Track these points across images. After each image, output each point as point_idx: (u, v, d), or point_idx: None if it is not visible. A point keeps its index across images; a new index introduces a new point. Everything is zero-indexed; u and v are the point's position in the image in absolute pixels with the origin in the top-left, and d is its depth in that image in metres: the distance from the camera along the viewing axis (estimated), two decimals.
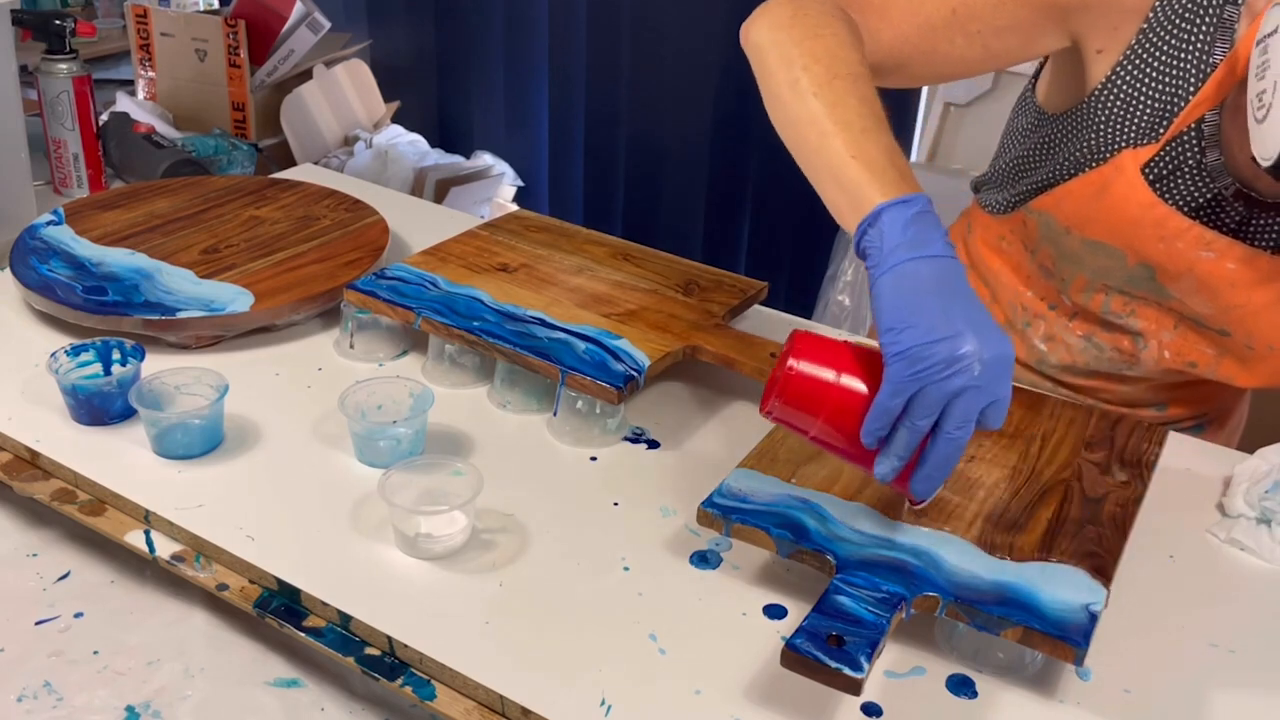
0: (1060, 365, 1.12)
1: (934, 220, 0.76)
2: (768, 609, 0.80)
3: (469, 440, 0.97)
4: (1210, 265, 0.97)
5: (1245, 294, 0.98)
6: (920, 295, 0.72)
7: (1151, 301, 1.04)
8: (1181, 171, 0.97)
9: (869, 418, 0.73)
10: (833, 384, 0.75)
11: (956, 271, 0.74)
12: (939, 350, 0.70)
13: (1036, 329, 1.12)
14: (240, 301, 1.08)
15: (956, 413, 0.71)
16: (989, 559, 0.77)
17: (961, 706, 0.73)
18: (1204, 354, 1.04)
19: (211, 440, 0.93)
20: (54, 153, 1.52)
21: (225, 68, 1.99)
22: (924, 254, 0.74)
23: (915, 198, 0.76)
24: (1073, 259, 1.04)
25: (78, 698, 0.76)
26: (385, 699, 0.79)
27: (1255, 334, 1.00)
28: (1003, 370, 0.71)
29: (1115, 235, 1.00)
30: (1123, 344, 1.07)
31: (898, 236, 0.74)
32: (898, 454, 0.73)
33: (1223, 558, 0.90)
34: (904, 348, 0.71)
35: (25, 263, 1.13)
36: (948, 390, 0.70)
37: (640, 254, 1.20)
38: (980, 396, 0.71)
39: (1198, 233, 0.97)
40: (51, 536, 0.91)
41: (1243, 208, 0.98)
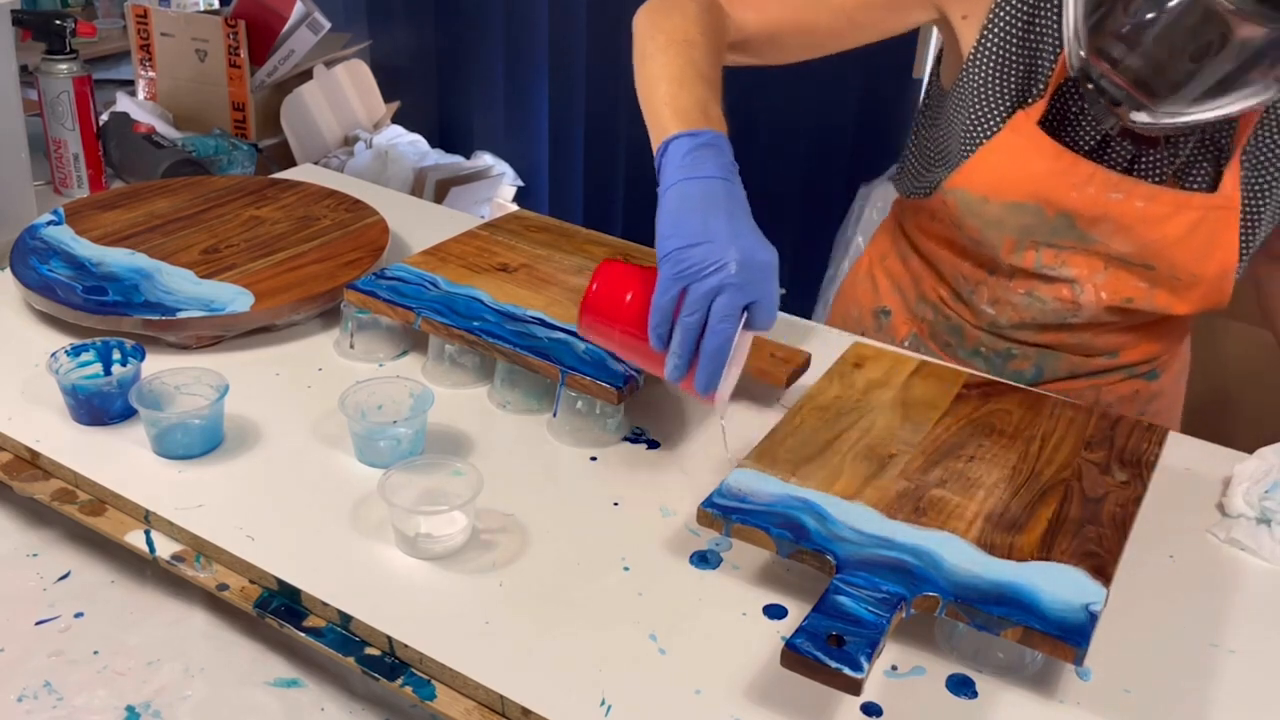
0: (1011, 324, 1.18)
1: (716, 151, 0.86)
2: (768, 609, 0.80)
3: (469, 440, 0.97)
4: (1121, 206, 1.05)
5: (1158, 229, 1.06)
6: (687, 209, 0.83)
7: (1079, 249, 1.10)
8: (1072, 119, 1.07)
9: (650, 317, 0.83)
10: (626, 302, 0.85)
11: (724, 190, 0.84)
12: (696, 253, 0.80)
13: (981, 295, 1.18)
14: (240, 301, 1.08)
15: (718, 308, 0.80)
16: (989, 559, 0.77)
17: (961, 706, 0.73)
18: (1137, 288, 1.11)
19: (211, 440, 0.93)
20: (54, 153, 1.52)
21: (225, 68, 1.99)
22: (696, 175, 0.85)
23: (703, 132, 0.87)
24: (996, 224, 1.11)
25: (78, 698, 0.76)
26: (385, 699, 0.79)
27: (1177, 265, 1.08)
28: (760, 273, 0.80)
29: (1030, 193, 1.07)
30: (1062, 293, 1.13)
31: (678, 161, 0.86)
32: (678, 351, 0.82)
33: (1223, 558, 0.90)
34: (667, 251, 0.81)
35: (25, 263, 1.13)
36: (708, 288, 0.80)
37: (640, 254, 1.20)
38: (739, 295, 0.80)
39: (1102, 175, 1.05)
40: (51, 536, 0.91)
41: (1131, 145, 1.06)
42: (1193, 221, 1.06)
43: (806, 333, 1.20)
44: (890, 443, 0.90)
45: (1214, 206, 1.05)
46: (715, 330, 0.80)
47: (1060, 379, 1.21)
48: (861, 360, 1.03)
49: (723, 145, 0.88)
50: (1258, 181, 1.06)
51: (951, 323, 1.23)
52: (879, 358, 1.03)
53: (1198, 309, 1.12)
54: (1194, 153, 1.06)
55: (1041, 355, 1.19)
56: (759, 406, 1.05)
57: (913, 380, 1.00)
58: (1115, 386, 1.22)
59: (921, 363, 1.03)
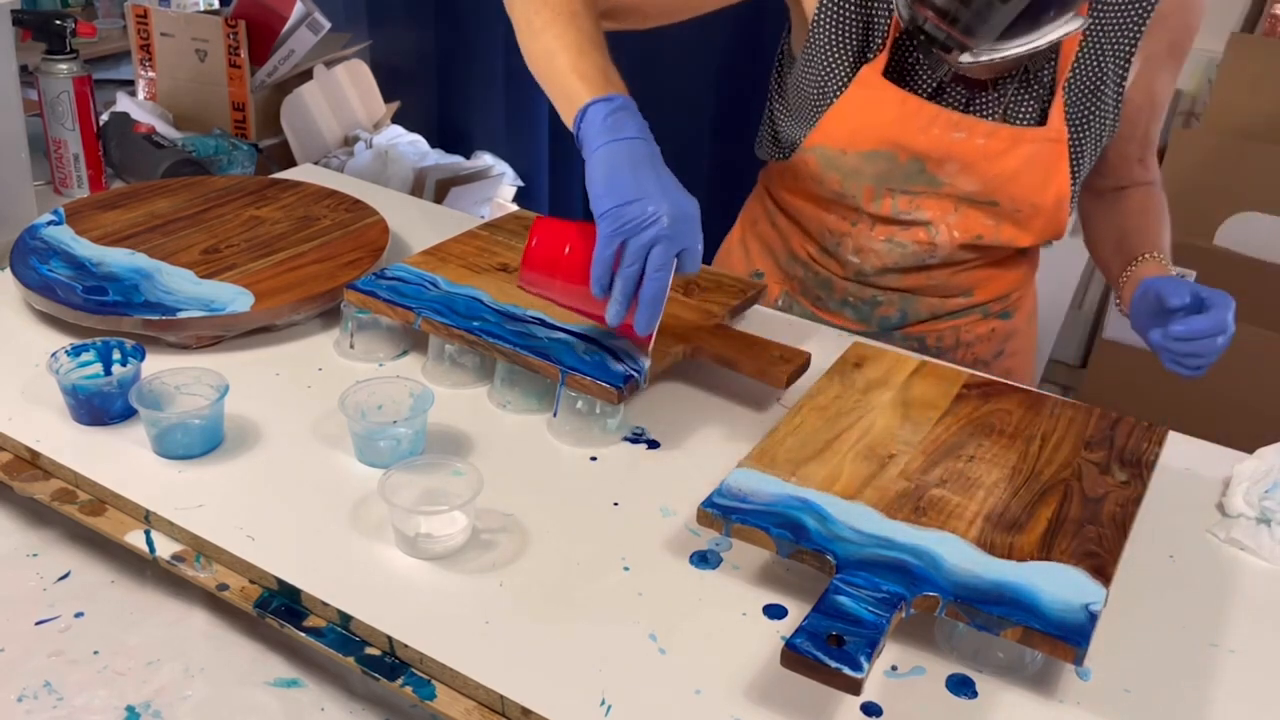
0: (875, 270, 1.26)
1: (630, 113, 0.95)
2: (768, 609, 0.80)
3: (469, 440, 0.97)
4: (964, 144, 1.15)
5: (998, 164, 1.15)
6: (616, 169, 0.91)
7: (930, 193, 1.19)
8: (910, 68, 1.16)
9: (592, 270, 0.91)
10: (564, 255, 0.94)
11: (646, 150, 0.93)
12: (632, 210, 0.89)
13: (846, 246, 1.26)
14: (240, 301, 1.08)
15: (654, 258, 0.89)
16: (989, 559, 0.77)
17: (961, 706, 0.73)
18: (985, 225, 1.20)
19: (211, 440, 0.93)
20: (54, 153, 1.52)
21: (225, 68, 1.99)
22: (620, 137, 0.93)
23: (616, 97, 0.96)
24: (855, 174, 1.20)
25: (78, 698, 0.76)
26: (385, 699, 0.79)
27: (1017, 198, 1.17)
28: (687, 224, 0.90)
29: (883, 139, 1.17)
30: (919, 236, 1.22)
31: (599, 125, 0.94)
32: (619, 299, 0.91)
33: (1223, 558, 0.90)
34: (604, 209, 0.90)
35: (25, 263, 1.13)
36: (644, 241, 0.89)
37: None
38: (671, 245, 0.90)
39: (945, 116, 1.15)
40: (52, 536, 0.91)
41: (964, 89, 1.16)
42: (1028, 155, 1.15)
43: (806, 333, 1.20)
44: (890, 443, 0.90)
45: (1045, 139, 1.15)
46: (652, 278, 0.90)
47: (923, 321, 1.30)
48: (861, 360, 1.03)
49: (634, 108, 0.96)
50: (1079, 114, 1.16)
51: (820, 277, 1.30)
52: (879, 358, 1.03)
53: (1039, 239, 1.23)
54: (1020, 91, 1.16)
55: (905, 299, 1.28)
56: (759, 406, 1.05)
57: (913, 380, 1.00)
58: (974, 326, 1.31)
59: (921, 363, 1.03)
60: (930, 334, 1.30)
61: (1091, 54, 1.14)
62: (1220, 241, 2.48)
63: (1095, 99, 1.16)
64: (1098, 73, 1.15)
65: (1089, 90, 1.15)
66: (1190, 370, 1.05)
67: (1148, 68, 1.18)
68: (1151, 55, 1.17)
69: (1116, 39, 1.14)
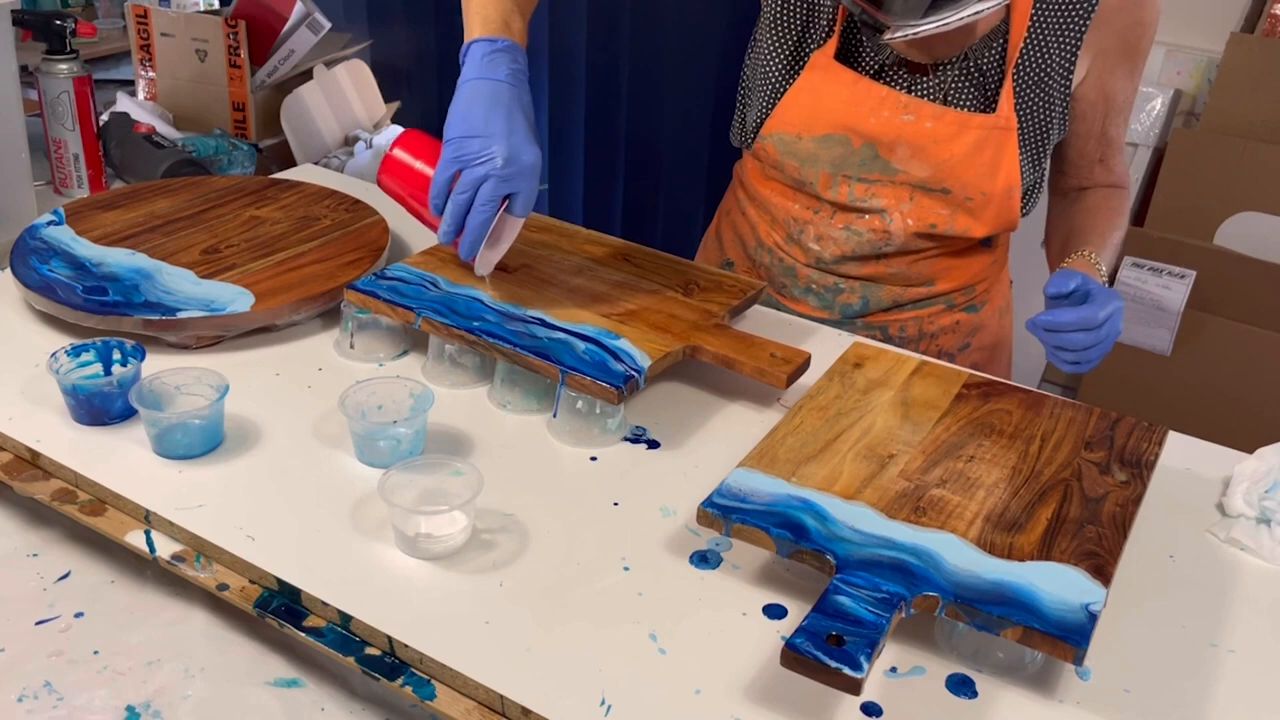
0: (834, 258, 1.28)
1: (509, 58, 1.01)
2: (768, 609, 0.80)
3: (469, 440, 0.97)
4: (913, 127, 1.17)
5: (947, 148, 1.17)
6: (474, 104, 0.98)
7: (885, 181, 1.21)
8: (857, 49, 1.20)
9: (430, 188, 1.00)
10: (417, 169, 1.04)
11: (509, 94, 0.99)
12: (473, 144, 0.97)
13: (808, 234, 1.29)
14: (240, 301, 1.08)
15: (483, 193, 0.97)
16: (989, 559, 0.77)
17: (961, 706, 0.73)
18: (939, 214, 1.22)
19: (211, 440, 0.93)
20: (54, 153, 1.52)
21: (225, 68, 1.99)
22: (488, 76, 1.00)
23: (500, 40, 1.02)
24: (811, 159, 1.23)
25: (78, 698, 0.76)
26: (385, 699, 0.79)
27: (968, 184, 1.19)
28: (523, 170, 0.97)
29: (835, 122, 1.20)
30: (875, 224, 1.24)
31: (474, 62, 1.01)
32: (448, 221, 0.99)
33: (1223, 558, 0.90)
34: (450, 137, 0.98)
35: (25, 263, 1.13)
36: (477, 174, 0.96)
37: (640, 254, 1.20)
38: (502, 185, 0.97)
39: (893, 98, 1.18)
40: (52, 536, 0.91)
41: (906, 73, 1.19)
42: (976, 141, 1.17)
43: (806, 333, 1.20)
44: (890, 443, 0.90)
45: (993, 126, 1.17)
46: (478, 210, 0.98)
47: (885, 309, 1.31)
48: (861, 360, 1.03)
49: (517, 53, 1.03)
50: (1028, 103, 1.17)
51: (785, 264, 1.33)
52: (879, 358, 1.03)
53: (993, 229, 1.24)
54: (962, 77, 1.18)
55: (866, 287, 1.30)
56: (759, 406, 1.05)
57: (913, 380, 1.00)
58: (937, 318, 1.32)
59: (921, 363, 1.03)
60: (893, 324, 1.31)
61: (1037, 44, 1.15)
62: (1220, 241, 2.48)
63: (1042, 90, 1.17)
64: (1044, 64, 1.16)
65: (1036, 81, 1.17)
66: (1068, 365, 1.05)
67: (1099, 65, 1.19)
68: (1102, 52, 1.18)
69: (1061, 31, 1.15)
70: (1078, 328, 1.01)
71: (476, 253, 1.01)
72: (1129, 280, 2.49)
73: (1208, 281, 2.43)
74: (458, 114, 0.99)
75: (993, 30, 1.16)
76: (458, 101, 1.00)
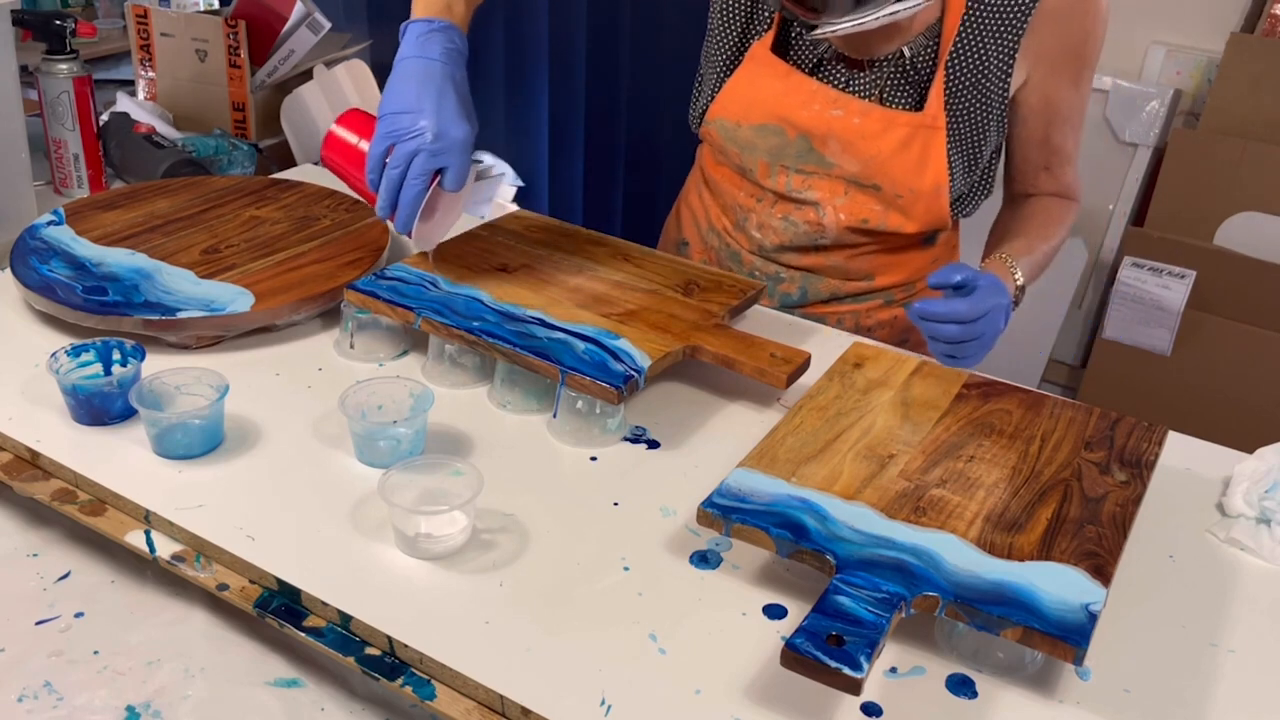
0: (774, 247, 1.31)
1: (445, 38, 1.04)
2: (768, 609, 0.80)
3: (469, 440, 0.97)
4: (843, 122, 1.20)
5: (875, 144, 1.19)
6: (407, 81, 1.01)
7: (821, 174, 1.24)
8: (792, 42, 1.22)
9: (366, 163, 1.02)
10: (355, 144, 1.07)
11: (442, 72, 1.02)
12: (404, 119, 0.99)
13: (751, 221, 1.32)
14: (240, 302, 1.08)
15: (415, 167, 0.99)
16: (989, 559, 0.77)
17: (961, 706, 0.73)
18: (872, 210, 1.24)
19: (211, 440, 0.93)
20: (54, 153, 1.52)
21: (225, 68, 1.99)
22: (422, 55, 1.02)
23: (438, 21, 1.05)
24: (750, 148, 1.26)
25: (78, 698, 0.76)
26: (385, 699, 0.79)
27: (897, 181, 1.20)
28: (453, 146, 1.00)
29: (770, 112, 1.22)
30: (809, 216, 1.27)
31: (412, 42, 1.04)
32: (383, 195, 1.00)
33: (1223, 558, 0.90)
34: (383, 113, 1.00)
35: (25, 263, 1.13)
36: (409, 149, 0.99)
37: (640, 254, 1.20)
38: (432, 160, 0.99)
39: (824, 92, 1.20)
40: (52, 536, 0.91)
41: (844, 68, 1.21)
42: (903, 138, 1.18)
43: (806, 333, 1.20)
44: (890, 443, 0.90)
45: (920, 124, 1.18)
46: (410, 183, 0.99)
47: (823, 301, 1.34)
48: (861, 360, 1.03)
49: (453, 34, 1.05)
50: (961, 105, 1.18)
51: (731, 249, 1.36)
52: (879, 358, 1.03)
53: (924, 227, 1.24)
54: (897, 75, 1.20)
55: (805, 278, 1.32)
56: (759, 406, 1.05)
57: (913, 380, 1.00)
58: (875, 312, 1.34)
59: (921, 363, 1.03)
60: (830, 316, 1.33)
61: (972, 46, 1.16)
62: (1220, 241, 2.48)
63: (978, 92, 1.17)
64: (980, 66, 1.16)
65: (971, 83, 1.17)
66: (943, 357, 1.06)
67: (1040, 71, 1.18)
68: (1043, 58, 1.18)
69: (997, 33, 1.15)
70: (948, 319, 1.02)
71: (411, 226, 1.01)
72: (1129, 280, 2.49)
73: (1208, 281, 2.43)
74: (391, 91, 1.02)
75: (928, 29, 1.17)
76: (392, 79, 1.03)
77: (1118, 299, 2.51)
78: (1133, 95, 2.66)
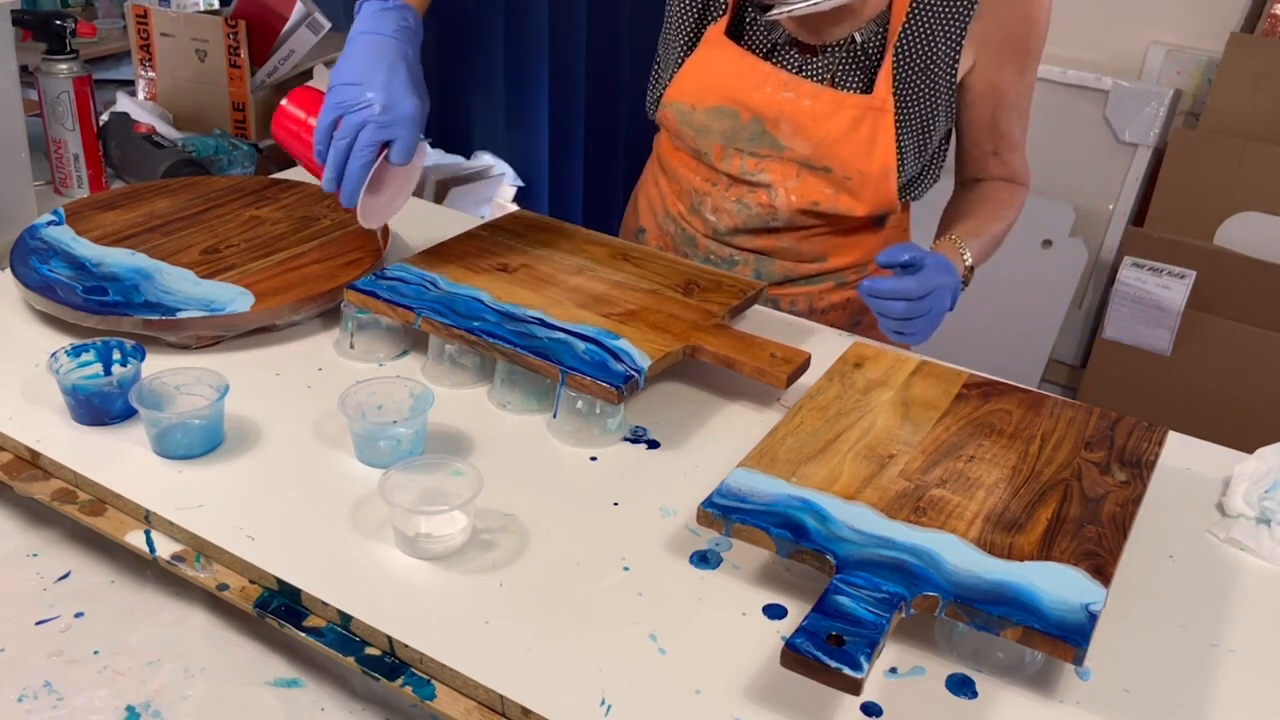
0: (728, 230, 1.33)
1: (399, 16, 1.05)
2: (768, 609, 0.80)
3: (469, 440, 0.97)
4: (794, 104, 1.21)
5: (824, 126, 1.21)
6: (359, 55, 1.03)
7: (774, 157, 1.25)
8: (746, 27, 1.24)
9: (314, 134, 1.04)
10: (304, 120, 1.10)
11: (394, 48, 1.03)
12: (353, 91, 1.01)
13: (706, 205, 1.33)
14: (240, 302, 1.08)
15: (362, 138, 1.00)
16: (989, 559, 0.77)
17: (961, 706, 0.73)
18: (822, 193, 1.25)
19: (211, 440, 0.93)
20: (54, 153, 1.52)
21: (225, 68, 1.99)
22: (374, 31, 1.04)
23: (392, 0, 1.06)
24: (704, 131, 1.27)
25: (78, 698, 0.76)
26: (385, 699, 0.79)
27: (847, 163, 1.22)
28: (401, 118, 1.01)
29: (724, 95, 1.24)
30: (761, 199, 1.28)
31: (364, 19, 1.05)
32: (330, 166, 1.02)
33: (1223, 558, 0.90)
34: (333, 84, 1.02)
35: (25, 263, 1.13)
36: (356, 120, 1.00)
37: (640, 254, 1.20)
38: (379, 131, 1.00)
39: (776, 75, 1.22)
40: (52, 536, 0.91)
41: (797, 53, 1.23)
42: (852, 120, 1.20)
43: (806, 333, 1.20)
44: (890, 443, 0.90)
45: (869, 107, 1.20)
46: (357, 154, 1.00)
47: (777, 283, 1.34)
48: (861, 360, 1.03)
49: (407, 13, 1.06)
50: (909, 88, 1.20)
51: (686, 234, 1.37)
52: (879, 358, 1.03)
53: (873, 209, 1.26)
54: (849, 59, 1.22)
55: (759, 260, 1.33)
56: (759, 406, 1.05)
57: (913, 380, 1.00)
58: (828, 294, 1.36)
59: (921, 363, 1.03)
60: (784, 298, 1.35)
61: (920, 31, 1.18)
62: (1220, 241, 2.48)
63: (927, 76, 1.20)
64: (927, 50, 1.19)
65: (920, 67, 1.19)
66: (891, 334, 1.10)
67: (985, 57, 1.21)
68: (987, 44, 1.21)
69: (945, 18, 1.18)
70: (895, 296, 1.06)
71: (357, 199, 1.02)
72: (1129, 280, 2.49)
73: (1208, 281, 2.43)
74: (342, 64, 1.03)
75: (878, 15, 1.20)
76: (344, 54, 1.04)
77: (1118, 299, 2.51)
78: (1133, 95, 2.66)
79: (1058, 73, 2.73)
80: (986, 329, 2.76)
